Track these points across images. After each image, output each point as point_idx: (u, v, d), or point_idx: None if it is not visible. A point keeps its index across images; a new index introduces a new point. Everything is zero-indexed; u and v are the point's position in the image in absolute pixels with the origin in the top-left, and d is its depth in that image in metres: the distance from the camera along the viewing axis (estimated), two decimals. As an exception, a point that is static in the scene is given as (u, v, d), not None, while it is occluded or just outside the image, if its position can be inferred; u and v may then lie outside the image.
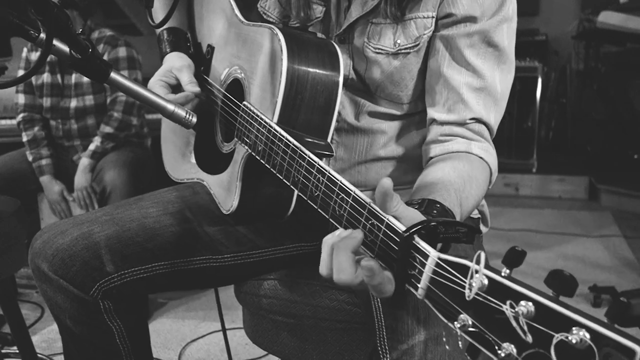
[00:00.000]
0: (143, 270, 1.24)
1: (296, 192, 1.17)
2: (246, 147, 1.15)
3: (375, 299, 1.12)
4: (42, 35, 0.93)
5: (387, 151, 1.27)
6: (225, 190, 1.24)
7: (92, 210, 1.30)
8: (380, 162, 1.28)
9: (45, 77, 2.89)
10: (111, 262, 1.21)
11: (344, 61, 1.15)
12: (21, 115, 2.93)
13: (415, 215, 0.84)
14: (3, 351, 2.42)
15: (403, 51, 1.17)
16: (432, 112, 1.20)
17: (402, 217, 0.82)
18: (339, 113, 1.25)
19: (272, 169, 1.07)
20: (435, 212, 0.92)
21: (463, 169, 1.09)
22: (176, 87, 1.34)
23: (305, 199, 0.98)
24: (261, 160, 1.10)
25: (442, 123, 1.18)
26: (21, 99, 2.94)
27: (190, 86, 1.32)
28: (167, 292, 3.05)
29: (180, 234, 1.27)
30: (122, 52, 2.87)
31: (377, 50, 1.18)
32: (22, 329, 1.89)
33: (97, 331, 1.24)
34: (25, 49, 2.96)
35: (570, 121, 5.88)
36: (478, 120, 1.17)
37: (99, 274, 1.20)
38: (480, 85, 1.16)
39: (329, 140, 1.13)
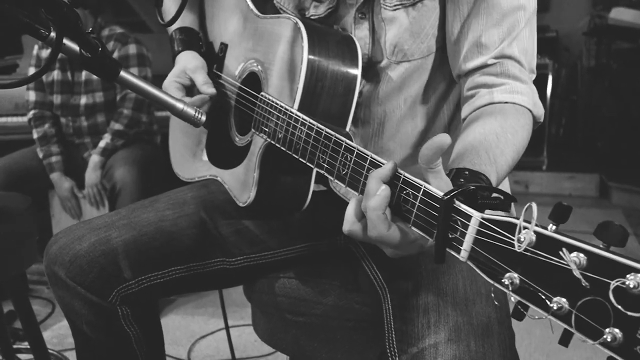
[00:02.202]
0: (160, 275, 1.23)
1: (312, 182, 1.17)
2: (264, 137, 1.15)
3: (386, 301, 1.12)
4: (53, 34, 0.93)
5: (408, 127, 1.24)
6: (241, 182, 1.24)
7: (108, 214, 1.29)
8: (401, 138, 1.25)
9: (56, 74, 2.91)
10: (129, 268, 1.20)
11: (362, 40, 1.15)
12: (32, 112, 2.95)
13: (448, 182, 0.83)
14: (15, 346, 2.44)
15: None
16: (454, 68, 1.17)
17: (435, 177, 0.82)
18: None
19: (294, 155, 1.07)
20: (462, 179, 0.91)
21: (494, 122, 1.04)
22: (190, 88, 1.34)
23: (332, 179, 0.98)
24: (282, 148, 1.10)
25: (464, 74, 1.14)
26: (32, 96, 2.95)
27: (206, 87, 1.31)
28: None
29: (196, 237, 1.27)
30: (132, 49, 2.88)
31: (395, 7, 1.15)
32: (33, 324, 1.90)
33: (114, 337, 1.23)
34: (36, 47, 2.97)
35: (580, 118, 5.84)
36: (500, 58, 1.11)
37: (117, 281, 1.19)
38: (495, 19, 1.10)
39: (347, 129, 1.13)
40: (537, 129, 1.16)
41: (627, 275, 0.56)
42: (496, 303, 1.01)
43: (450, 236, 0.77)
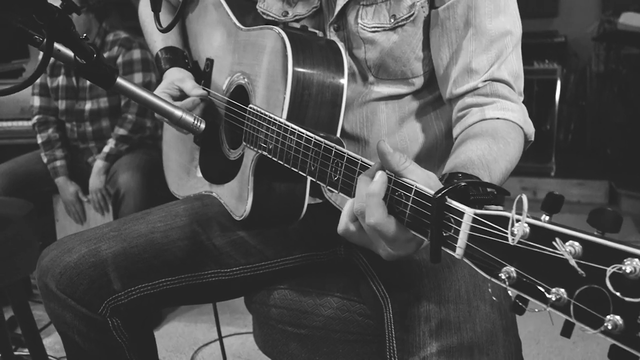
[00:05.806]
0: (150, 287, 1.23)
1: (307, 191, 1.16)
2: (255, 149, 1.14)
3: (388, 310, 1.09)
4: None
5: (396, 137, 1.23)
6: (236, 196, 1.22)
7: (100, 226, 1.29)
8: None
9: (61, 79, 2.91)
10: (118, 280, 1.20)
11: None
12: (36, 117, 2.96)
13: (430, 174, 0.83)
14: (16, 353, 2.43)
15: (400, 23, 1.15)
16: (444, 92, 1.18)
17: (413, 173, 0.82)
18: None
19: (285, 164, 1.06)
20: (456, 180, 0.89)
21: (486, 135, 1.06)
22: (179, 99, 1.34)
23: (324, 185, 0.97)
24: (273, 158, 1.09)
25: (455, 98, 1.16)
26: (36, 101, 2.96)
27: (195, 90, 1.31)
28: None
29: (188, 248, 1.25)
30: (136, 54, 2.87)
31: (373, 30, 1.16)
32: (33, 331, 1.89)
33: (106, 348, 1.23)
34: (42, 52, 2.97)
35: (589, 124, 5.78)
36: (489, 80, 1.13)
37: (106, 292, 1.19)
38: (484, 44, 1.12)
39: (338, 135, 1.12)
40: (545, 135, 1.16)
41: (624, 261, 0.55)
42: (494, 299, 1.00)
43: (444, 234, 0.76)
